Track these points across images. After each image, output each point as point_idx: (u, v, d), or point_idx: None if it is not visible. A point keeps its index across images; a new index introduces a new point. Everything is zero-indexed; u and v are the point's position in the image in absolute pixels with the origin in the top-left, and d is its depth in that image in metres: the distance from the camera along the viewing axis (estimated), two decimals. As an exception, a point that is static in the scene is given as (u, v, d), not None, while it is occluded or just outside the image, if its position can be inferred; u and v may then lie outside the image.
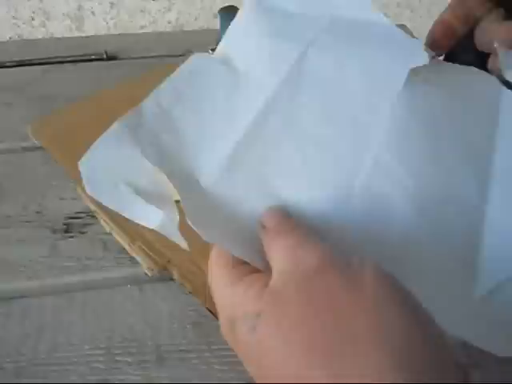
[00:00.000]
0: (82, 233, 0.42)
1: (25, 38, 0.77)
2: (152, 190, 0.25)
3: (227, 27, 0.53)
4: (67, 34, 0.78)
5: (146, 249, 0.39)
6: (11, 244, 0.41)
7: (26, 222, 0.43)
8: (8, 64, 0.61)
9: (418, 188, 0.26)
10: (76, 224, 0.43)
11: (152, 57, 0.65)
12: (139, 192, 0.25)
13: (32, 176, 0.47)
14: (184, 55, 0.64)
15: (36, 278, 0.39)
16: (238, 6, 0.56)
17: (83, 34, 0.78)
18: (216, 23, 0.60)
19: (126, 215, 0.25)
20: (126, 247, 0.40)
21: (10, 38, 0.77)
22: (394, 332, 0.17)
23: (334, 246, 0.21)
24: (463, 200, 0.27)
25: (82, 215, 0.44)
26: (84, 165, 0.26)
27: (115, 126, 0.27)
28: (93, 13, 0.77)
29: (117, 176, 0.25)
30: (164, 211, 0.24)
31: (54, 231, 0.42)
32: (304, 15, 0.32)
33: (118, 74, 0.61)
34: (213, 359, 0.34)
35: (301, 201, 0.26)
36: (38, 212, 0.44)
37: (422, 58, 0.28)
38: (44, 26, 0.77)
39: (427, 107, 0.29)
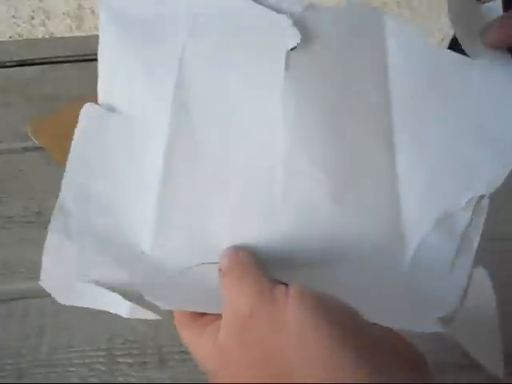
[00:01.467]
0: (83, 233, 0.42)
1: (25, 37, 0.77)
2: (110, 278, 0.26)
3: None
4: (67, 33, 0.78)
5: (146, 249, 0.39)
6: (11, 245, 0.41)
7: (27, 222, 0.43)
8: (8, 64, 0.61)
9: (329, 177, 0.26)
10: (76, 224, 0.43)
11: (152, 56, 0.65)
12: (101, 284, 0.25)
13: (32, 176, 0.47)
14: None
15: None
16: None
17: (83, 34, 0.78)
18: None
19: (101, 308, 0.26)
20: (127, 248, 0.40)
21: (10, 37, 0.77)
22: (323, 361, 0.19)
23: (266, 279, 0.23)
24: (375, 171, 0.27)
25: (83, 216, 0.44)
26: (44, 282, 0.26)
27: (48, 235, 0.27)
28: (93, 12, 0.77)
29: (77, 277, 0.26)
30: (127, 297, 0.25)
31: (55, 232, 0.42)
32: (162, 20, 0.29)
33: (118, 73, 0.61)
34: (214, 360, 0.34)
35: (235, 234, 0.26)
36: (38, 212, 0.44)
37: (295, 35, 0.27)
38: (44, 25, 0.77)
39: (315, 87, 0.28)
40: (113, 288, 0.25)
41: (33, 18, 0.76)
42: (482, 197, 0.27)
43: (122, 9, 0.29)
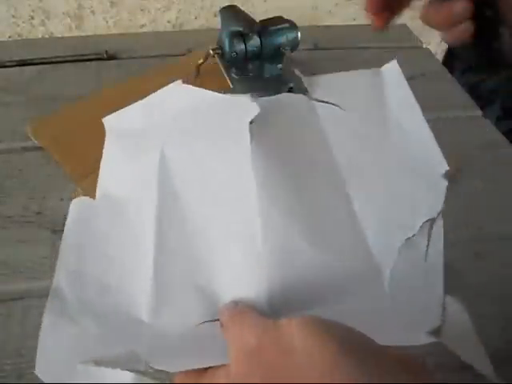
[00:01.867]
0: (83, 233, 0.42)
1: (24, 37, 0.77)
2: (113, 354, 0.26)
3: (228, 26, 0.53)
4: (67, 33, 0.78)
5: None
6: (11, 245, 0.41)
7: (26, 222, 0.43)
8: (8, 64, 0.61)
9: (302, 225, 0.29)
10: (76, 224, 0.43)
11: (152, 56, 0.65)
12: (102, 362, 0.25)
13: (32, 176, 0.47)
14: (184, 55, 0.64)
15: (36, 278, 0.39)
16: (239, 5, 0.56)
17: (83, 33, 0.78)
18: (216, 22, 0.60)
19: None
20: (127, 248, 0.40)
21: (10, 37, 0.77)
22: (331, 374, 0.20)
23: (268, 315, 0.25)
24: (338, 215, 0.31)
25: (83, 216, 0.43)
26: (41, 372, 0.26)
27: (45, 320, 0.28)
28: (92, 12, 0.77)
29: (75, 361, 0.26)
30: (131, 369, 0.25)
31: (55, 232, 0.42)
32: (153, 125, 0.34)
33: (118, 73, 0.61)
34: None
35: (228, 290, 0.28)
36: (38, 212, 0.44)
37: (254, 109, 0.31)
38: (44, 25, 0.77)
39: (277, 155, 0.32)
40: (115, 363, 0.25)
41: (32, 17, 0.76)
42: (432, 222, 0.30)
43: (119, 126, 0.36)
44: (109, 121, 0.36)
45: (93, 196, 0.43)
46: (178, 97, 0.34)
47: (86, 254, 0.30)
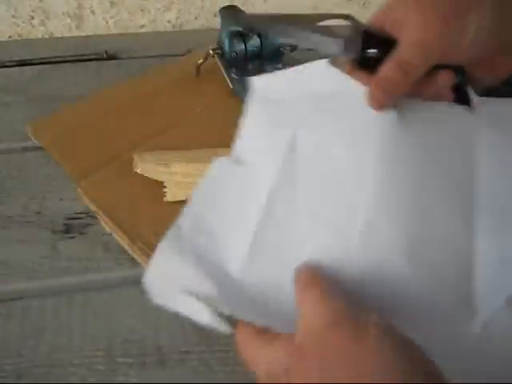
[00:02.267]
0: (82, 233, 0.42)
1: (24, 37, 0.77)
2: (200, 291, 0.29)
3: (228, 26, 0.53)
4: (67, 33, 0.78)
5: (146, 249, 0.39)
6: (11, 245, 0.41)
7: (26, 222, 0.43)
8: (8, 64, 0.61)
9: (407, 241, 0.28)
10: (76, 224, 0.43)
11: (152, 56, 0.65)
12: (191, 294, 0.29)
13: (32, 176, 0.47)
14: (184, 55, 0.64)
15: (36, 278, 0.39)
16: (239, 6, 0.56)
17: (83, 33, 0.78)
18: (216, 22, 0.60)
19: (186, 315, 0.29)
20: (127, 248, 0.40)
21: (10, 37, 0.77)
22: (394, 373, 0.21)
23: (348, 300, 0.25)
24: (452, 242, 0.29)
25: (82, 216, 0.44)
26: (147, 278, 0.30)
27: (162, 243, 0.32)
28: (92, 12, 0.77)
29: (174, 282, 0.30)
30: (211, 308, 0.28)
31: (54, 232, 0.42)
32: (294, 100, 0.35)
33: (118, 73, 0.61)
34: (213, 360, 0.34)
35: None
36: (38, 212, 0.44)
37: (391, 112, 0.31)
38: (44, 25, 0.77)
39: (407, 158, 0.30)
40: (200, 299, 0.28)
41: (32, 17, 0.76)
42: None
43: (264, 92, 0.36)
44: (257, 81, 0.37)
45: (93, 196, 0.43)
46: (323, 77, 0.34)
47: (208, 204, 0.33)
